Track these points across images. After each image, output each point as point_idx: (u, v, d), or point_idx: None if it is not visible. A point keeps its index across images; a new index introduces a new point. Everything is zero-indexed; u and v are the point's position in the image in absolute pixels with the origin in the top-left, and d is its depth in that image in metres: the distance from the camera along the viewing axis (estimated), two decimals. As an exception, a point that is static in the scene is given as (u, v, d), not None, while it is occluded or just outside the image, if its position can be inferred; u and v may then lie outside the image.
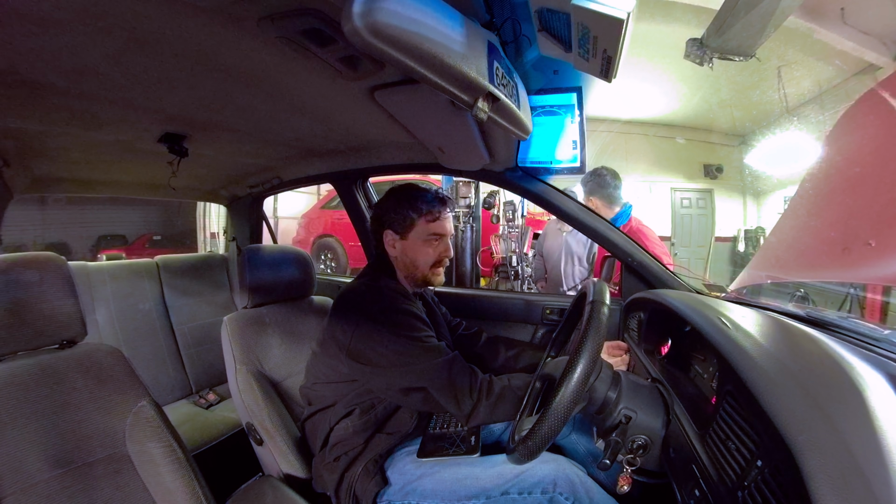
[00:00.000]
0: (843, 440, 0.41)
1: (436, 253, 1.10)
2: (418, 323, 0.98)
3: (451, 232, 1.14)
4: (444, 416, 1.06)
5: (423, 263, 1.10)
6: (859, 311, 1.39)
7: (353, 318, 0.96)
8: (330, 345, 0.99)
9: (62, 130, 1.08)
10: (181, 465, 0.79)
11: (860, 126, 1.20)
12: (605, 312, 0.70)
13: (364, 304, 0.99)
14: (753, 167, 5.61)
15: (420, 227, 1.08)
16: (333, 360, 0.99)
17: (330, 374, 1.01)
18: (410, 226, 1.08)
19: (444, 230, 1.11)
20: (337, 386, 1.00)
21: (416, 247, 1.09)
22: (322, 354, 1.03)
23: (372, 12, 0.45)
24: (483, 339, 1.25)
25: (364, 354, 0.93)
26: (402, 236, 1.09)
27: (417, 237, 1.08)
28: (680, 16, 3.16)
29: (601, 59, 0.73)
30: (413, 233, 1.08)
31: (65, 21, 0.59)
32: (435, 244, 1.10)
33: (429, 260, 1.10)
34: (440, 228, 1.10)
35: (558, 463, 0.87)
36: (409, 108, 0.96)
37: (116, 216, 8.99)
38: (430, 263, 1.10)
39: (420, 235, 1.08)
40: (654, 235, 1.80)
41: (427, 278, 1.11)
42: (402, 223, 1.08)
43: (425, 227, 1.08)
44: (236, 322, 1.14)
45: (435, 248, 1.10)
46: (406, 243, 1.09)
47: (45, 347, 0.79)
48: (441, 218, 1.10)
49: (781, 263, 1.36)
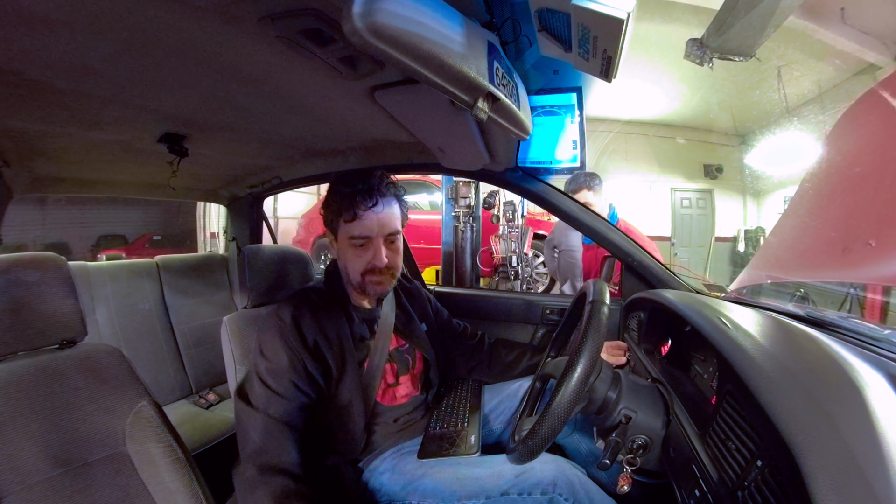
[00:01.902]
0: (843, 440, 0.41)
1: (362, 260, 0.93)
2: (286, 363, 0.87)
3: (384, 231, 0.93)
4: (443, 416, 1.06)
5: (353, 271, 0.95)
6: (859, 311, 1.39)
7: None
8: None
9: (62, 130, 1.08)
10: (181, 465, 0.79)
11: (860, 126, 1.20)
12: (605, 312, 0.70)
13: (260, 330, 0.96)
14: (753, 167, 5.62)
15: (343, 230, 0.93)
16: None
17: None
18: (336, 227, 0.95)
19: (366, 230, 0.92)
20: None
21: (344, 251, 0.96)
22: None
23: (372, 12, 0.45)
24: (486, 345, 1.24)
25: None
26: (335, 236, 0.97)
27: (344, 240, 0.94)
28: (680, 16, 3.16)
29: (601, 59, 0.73)
30: (339, 234, 0.95)
31: (65, 21, 0.59)
32: (359, 249, 0.93)
33: (356, 267, 0.94)
34: (360, 229, 0.92)
35: (558, 464, 0.87)
36: (409, 108, 0.96)
37: (116, 216, 8.99)
38: (359, 271, 0.94)
39: (345, 238, 0.94)
40: (643, 235, 1.82)
41: (363, 287, 0.96)
42: (330, 221, 0.96)
43: (346, 229, 0.93)
44: (236, 322, 1.14)
45: (362, 255, 0.93)
46: (338, 246, 0.97)
47: (45, 347, 0.79)
48: (360, 217, 0.91)
49: (781, 263, 1.36)
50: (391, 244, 0.97)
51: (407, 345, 1.08)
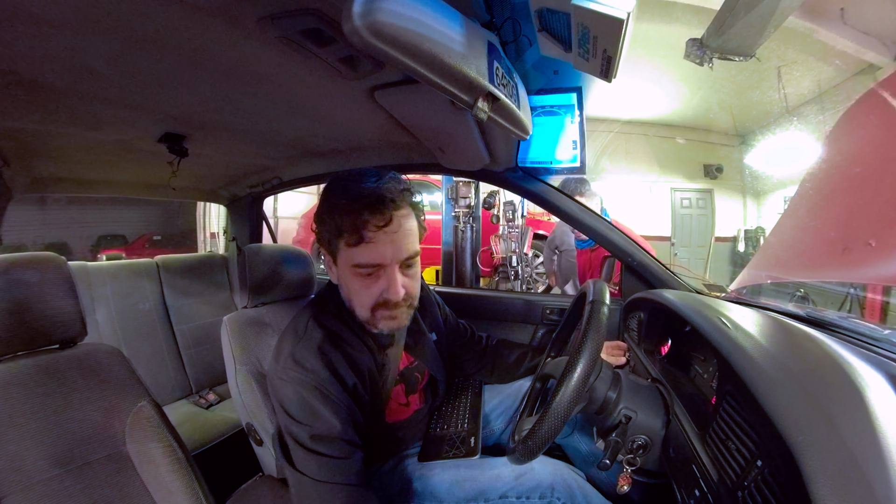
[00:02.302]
0: (843, 440, 0.41)
1: (371, 293, 0.75)
2: (325, 419, 0.70)
3: (400, 257, 0.73)
4: (444, 418, 1.06)
5: (359, 305, 0.77)
6: (859, 311, 1.39)
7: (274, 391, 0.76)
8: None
9: (62, 130, 1.08)
10: (181, 465, 0.79)
11: (860, 126, 1.20)
12: (605, 312, 0.70)
13: (276, 372, 0.75)
14: (753, 167, 5.61)
15: (343, 254, 0.74)
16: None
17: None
18: (335, 249, 0.75)
19: (377, 258, 0.72)
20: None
21: (347, 280, 0.76)
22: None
23: (372, 12, 0.45)
24: (490, 348, 1.23)
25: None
26: (334, 260, 0.78)
27: (345, 267, 0.75)
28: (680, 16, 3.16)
29: (601, 59, 0.73)
30: (340, 259, 0.75)
31: (65, 21, 0.59)
32: (367, 279, 0.74)
33: (364, 301, 0.76)
34: (369, 256, 0.72)
35: (556, 467, 0.86)
36: (409, 108, 0.96)
37: (116, 216, 8.99)
38: (367, 306, 0.76)
39: (346, 266, 0.75)
40: (637, 236, 1.82)
41: (372, 324, 0.78)
42: (328, 243, 0.76)
43: (348, 255, 0.73)
44: (236, 322, 1.14)
45: (371, 286, 0.74)
46: (339, 272, 0.78)
47: (46, 347, 0.79)
48: (369, 240, 0.70)
49: (781, 263, 1.36)
50: (408, 269, 0.77)
51: (417, 363, 1.00)
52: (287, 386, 0.73)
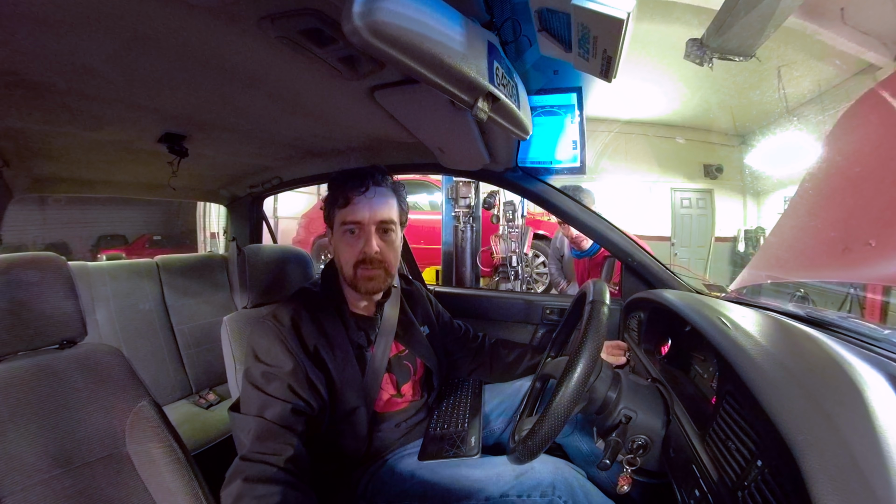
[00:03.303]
0: (843, 440, 0.41)
1: (353, 250, 0.89)
2: (277, 369, 0.82)
3: (375, 219, 0.89)
4: (444, 417, 1.06)
5: (345, 263, 0.91)
6: (859, 311, 1.39)
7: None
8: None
9: (62, 130, 1.08)
10: (181, 465, 0.79)
11: (860, 126, 1.20)
12: (605, 312, 0.70)
13: (256, 325, 0.91)
14: (753, 167, 5.61)
15: (336, 217, 0.91)
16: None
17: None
18: (332, 218, 0.93)
19: (357, 215, 0.88)
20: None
21: (337, 244, 0.92)
22: None
23: (372, 12, 0.45)
24: (487, 346, 1.24)
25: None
26: (331, 230, 0.95)
27: (337, 231, 0.92)
28: (680, 16, 3.16)
29: (601, 59, 0.73)
30: (335, 225, 0.92)
31: (65, 21, 0.59)
32: (349, 237, 0.90)
33: (348, 259, 0.90)
34: (352, 215, 0.88)
35: (557, 466, 0.87)
36: (409, 108, 0.96)
37: (116, 216, 9.00)
38: (350, 263, 0.90)
39: (337, 228, 0.91)
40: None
41: (354, 283, 0.91)
42: (327, 216, 0.94)
43: (338, 217, 0.90)
44: (236, 322, 1.14)
45: (351, 244, 0.90)
46: (333, 240, 0.95)
47: (45, 347, 0.79)
48: (352, 202, 0.88)
49: (781, 263, 1.36)
50: (384, 234, 0.92)
51: (407, 351, 1.05)
52: (259, 332, 0.88)
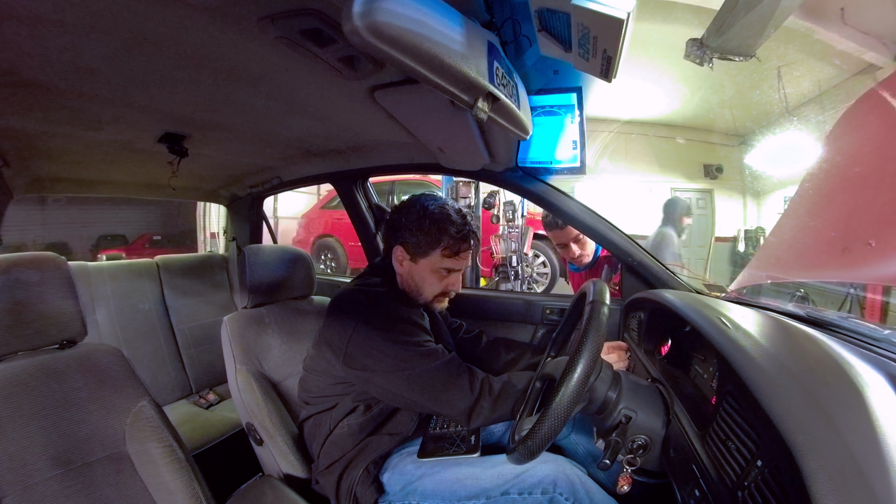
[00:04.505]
0: (843, 440, 0.41)
1: (443, 285, 1.03)
2: (414, 328, 0.95)
3: (467, 266, 1.06)
4: (444, 417, 1.06)
5: (428, 293, 1.03)
6: (859, 311, 1.39)
7: (349, 323, 0.93)
8: (325, 348, 0.97)
9: (62, 130, 1.08)
10: (181, 465, 0.79)
11: (860, 126, 1.20)
12: (605, 312, 0.70)
13: (360, 309, 0.95)
14: (753, 167, 5.61)
15: (434, 257, 1.00)
16: (329, 363, 0.97)
17: (326, 377, 0.99)
18: (425, 253, 1.00)
19: (458, 266, 1.03)
20: (333, 387, 0.99)
21: (423, 274, 1.02)
22: (317, 357, 1.00)
23: (372, 12, 0.45)
24: (484, 342, 1.24)
25: (360, 360, 0.91)
26: (412, 258, 1.02)
27: (428, 265, 1.01)
28: (680, 16, 3.15)
29: (601, 59, 0.73)
30: (426, 260, 1.01)
31: (65, 21, 0.59)
32: (445, 277, 1.03)
33: (434, 290, 1.03)
34: (456, 264, 1.02)
35: (558, 463, 0.87)
36: (409, 108, 0.96)
37: (116, 216, 9.00)
38: (434, 294, 1.03)
39: (432, 265, 1.01)
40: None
41: (429, 304, 1.05)
42: (416, 246, 1.00)
43: (440, 260, 1.00)
44: (236, 322, 1.14)
45: (443, 281, 1.03)
46: (415, 267, 1.02)
47: (46, 347, 0.79)
48: (461, 255, 1.02)
49: (781, 263, 1.36)
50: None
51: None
52: (366, 306, 0.96)
